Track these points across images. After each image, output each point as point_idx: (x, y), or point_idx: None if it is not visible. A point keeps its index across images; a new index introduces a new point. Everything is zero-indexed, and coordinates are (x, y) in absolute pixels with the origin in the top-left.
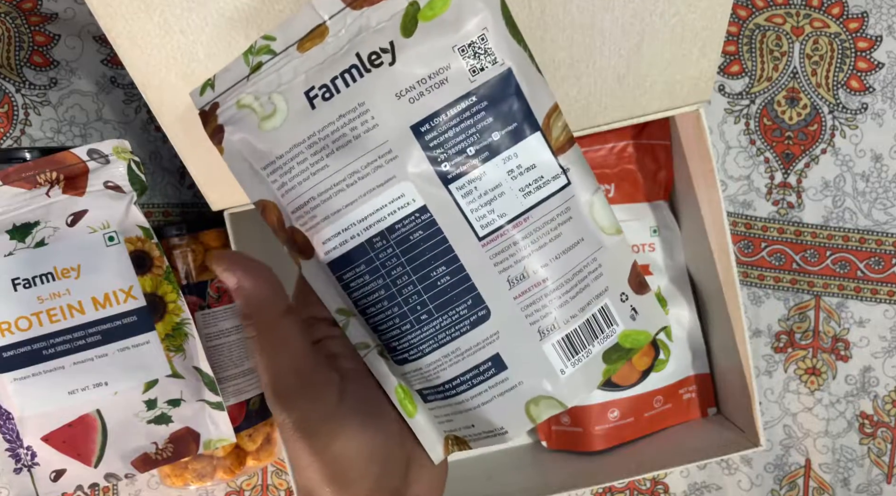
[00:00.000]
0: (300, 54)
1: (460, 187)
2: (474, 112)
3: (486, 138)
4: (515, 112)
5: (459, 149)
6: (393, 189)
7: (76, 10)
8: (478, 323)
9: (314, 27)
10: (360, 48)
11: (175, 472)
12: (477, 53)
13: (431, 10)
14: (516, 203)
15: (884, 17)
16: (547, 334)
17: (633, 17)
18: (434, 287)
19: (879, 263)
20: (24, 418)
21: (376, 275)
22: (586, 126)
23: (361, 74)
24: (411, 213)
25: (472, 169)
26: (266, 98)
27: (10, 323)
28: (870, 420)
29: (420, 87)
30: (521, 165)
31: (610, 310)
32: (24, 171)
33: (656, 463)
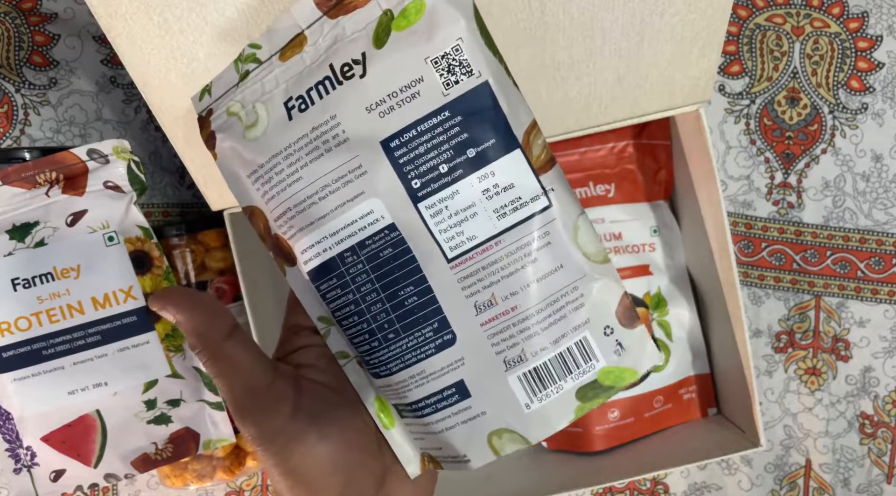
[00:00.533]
0: (282, 63)
1: (430, 206)
2: (448, 127)
3: (460, 155)
4: (493, 127)
5: (431, 165)
6: (362, 205)
7: (76, 9)
8: (443, 347)
9: (294, 36)
10: (333, 59)
11: (175, 473)
12: (451, 65)
13: (405, 20)
14: (489, 225)
15: (884, 16)
16: (512, 366)
17: (633, 16)
18: (401, 306)
19: (880, 263)
20: (23, 418)
21: (347, 290)
22: (586, 126)
23: (334, 86)
24: (380, 229)
25: (443, 187)
26: (251, 107)
27: (10, 323)
28: (870, 420)
29: (391, 100)
30: (497, 185)
31: (589, 344)
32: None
33: (656, 463)
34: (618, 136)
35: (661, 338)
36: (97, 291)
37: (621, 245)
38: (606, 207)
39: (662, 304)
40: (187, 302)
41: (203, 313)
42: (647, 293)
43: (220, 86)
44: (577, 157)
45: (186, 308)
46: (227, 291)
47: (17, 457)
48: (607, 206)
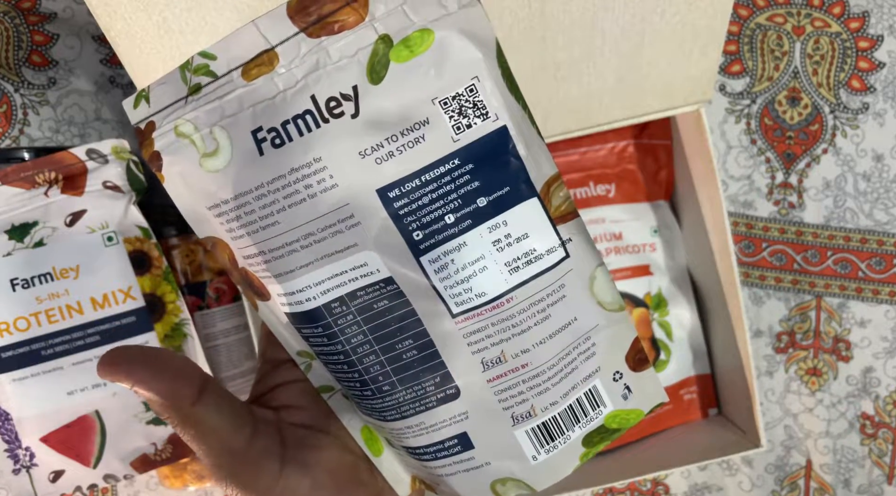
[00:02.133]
0: (245, 82)
1: (433, 260)
2: (456, 176)
3: (469, 205)
4: (509, 175)
5: (436, 216)
6: (354, 257)
7: (75, 9)
8: (446, 400)
9: (261, 52)
10: (316, 90)
11: (174, 473)
12: (464, 107)
13: (407, 50)
14: (499, 281)
15: (885, 16)
16: (521, 421)
17: (633, 16)
18: (399, 360)
19: (881, 264)
20: (22, 419)
21: (334, 341)
22: (587, 126)
23: (318, 123)
24: (376, 282)
25: (448, 239)
26: (207, 131)
27: (9, 323)
28: (871, 420)
29: (390, 145)
30: (510, 235)
31: (598, 392)
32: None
33: (657, 463)
34: (618, 135)
35: (662, 339)
36: (96, 291)
37: (622, 245)
38: (607, 207)
39: (663, 305)
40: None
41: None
42: (648, 293)
43: (163, 96)
44: (577, 157)
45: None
46: (227, 291)
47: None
48: (608, 206)
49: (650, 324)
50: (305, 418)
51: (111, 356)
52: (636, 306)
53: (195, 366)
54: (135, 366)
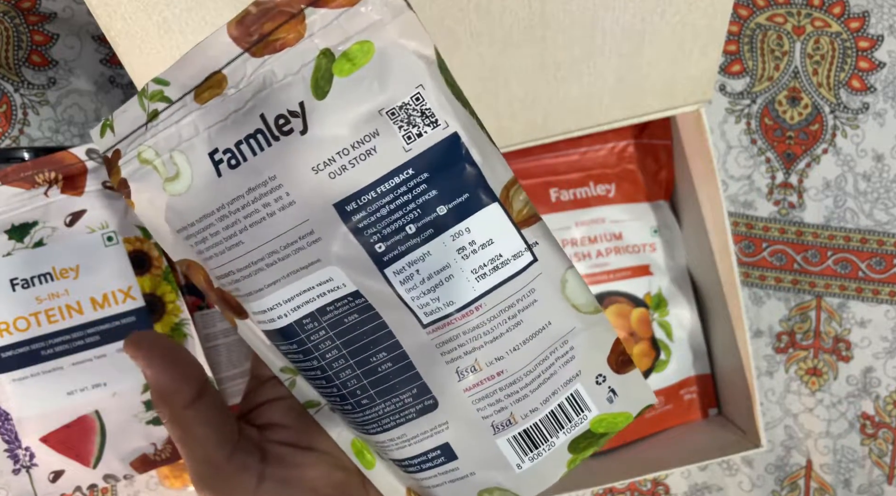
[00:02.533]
0: (199, 106)
1: (398, 271)
2: (413, 185)
3: (429, 214)
4: (466, 181)
5: (396, 227)
6: (319, 273)
7: (75, 9)
8: (425, 411)
9: (209, 75)
10: (265, 109)
11: (174, 473)
12: (412, 117)
13: (349, 63)
14: (467, 288)
15: (885, 16)
16: (501, 430)
17: (633, 16)
18: (374, 373)
19: (881, 264)
20: (22, 419)
21: (310, 357)
22: (587, 126)
23: (269, 142)
24: (343, 296)
25: (412, 250)
26: (168, 156)
27: (9, 323)
28: (871, 421)
29: (341, 159)
30: (474, 242)
31: (581, 396)
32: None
33: (657, 464)
34: (618, 135)
35: (662, 339)
36: (96, 291)
37: (622, 245)
38: (607, 207)
39: (663, 305)
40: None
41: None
42: (648, 293)
43: (125, 124)
44: (577, 157)
45: (158, 363)
46: None
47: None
48: (608, 206)
49: (650, 324)
50: (288, 436)
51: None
52: (636, 306)
53: (201, 370)
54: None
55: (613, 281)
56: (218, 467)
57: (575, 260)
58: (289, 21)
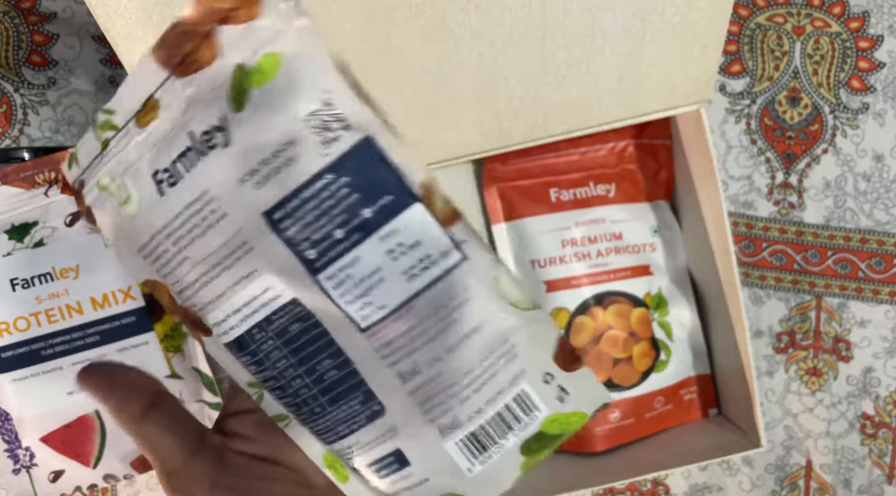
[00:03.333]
0: (140, 130)
1: (330, 276)
2: (335, 190)
3: (355, 217)
4: (386, 182)
5: (324, 233)
6: (256, 282)
7: (75, 9)
8: (373, 417)
9: (146, 100)
10: (192, 126)
11: None
12: (325, 122)
13: (261, 75)
14: (399, 289)
15: (885, 16)
16: (448, 433)
17: (633, 16)
18: (322, 381)
19: (881, 264)
20: (22, 419)
21: (263, 367)
22: (586, 126)
23: (198, 157)
24: (283, 305)
25: (341, 254)
26: (120, 181)
27: (9, 323)
28: (871, 421)
29: (264, 168)
30: (402, 243)
31: (528, 396)
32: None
33: (657, 464)
34: (618, 135)
35: (662, 339)
36: (96, 292)
37: (621, 245)
38: (607, 207)
39: (663, 305)
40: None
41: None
42: (648, 293)
43: (85, 155)
44: (577, 157)
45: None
46: None
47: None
48: (607, 206)
49: (650, 324)
50: (253, 449)
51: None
52: (636, 306)
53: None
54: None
55: (613, 281)
56: (175, 470)
57: (575, 260)
58: (203, 41)
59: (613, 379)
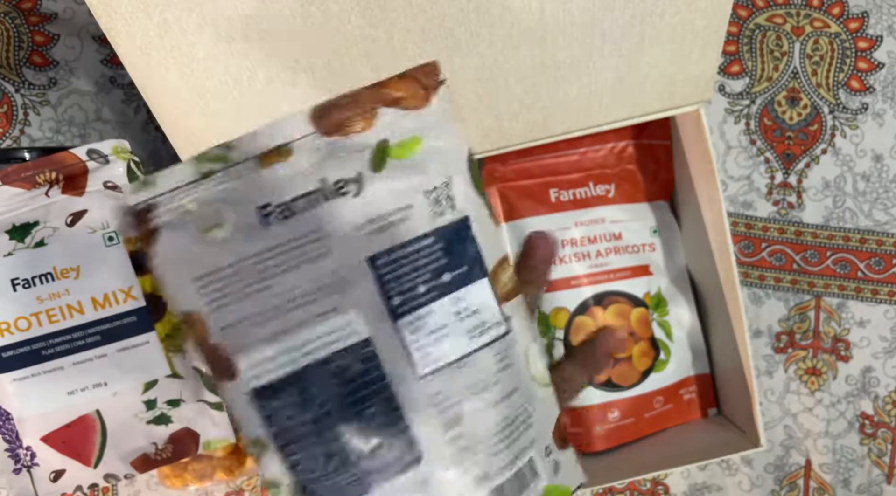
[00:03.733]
0: (259, 168)
1: (409, 323)
2: (430, 252)
3: (437, 278)
4: (467, 257)
5: (412, 285)
6: (338, 318)
7: (75, 9)
8: (410, 466)
9: (278, 145)
10: (326, 173)
11: (174, 473)
12: (439, 198)
13: (402, 150)
14: (460, 344)
15: (884, 17)
16: (479, 484)
17: (633, 17)
18: (368, 425)
19: (880, 264)
20: (23, 418)
21: (305, 409)
22: (586, 126)
23: (324, 200)
24: (354, 344)
25: (421, 306)
26: (214, 207)
27: (10, 323)
28: (870, 420)
29: (381, 221)
30: (467, 308)
31: (534, 464)
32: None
33: (657, 463)
34: (618, 136)
35: (661, 338)
36: (97, 291)
37: (621, 245)
38: (606, 207)
39: (662, 304)
40: None
41: None
42: (648, 293)
43: (170, 180)
44: (577, 157)
45: None
46: None
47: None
48: (607, 206)
49: (650, 324)
50: None
51: None
52: (636, 306)
53: None
54: None
55: (613, 281)
56: None
57: (575, 260)
58: (362, 114)
59: (613, 378)
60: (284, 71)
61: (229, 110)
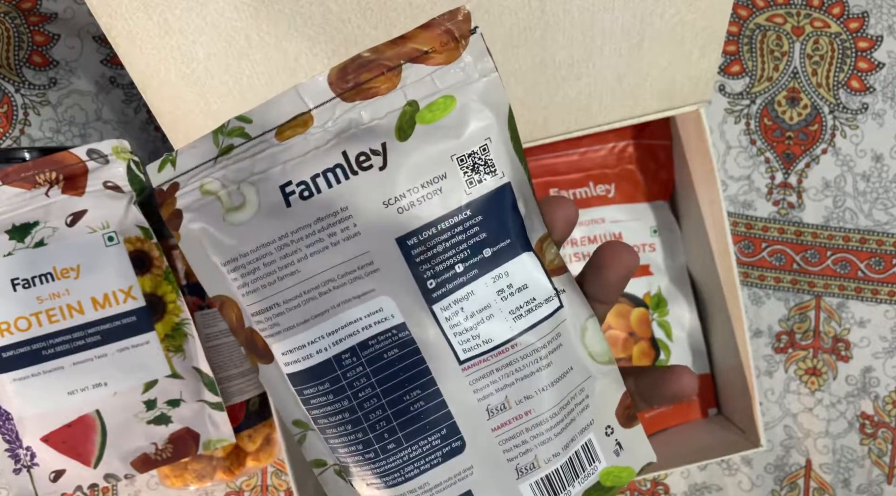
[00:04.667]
0: (278, 142)
1: (445, 307)
2: (467, 227)
3: (476, 255)
4: (510, 228)
5: (448, 265)
6: (370, 303)
7: (75, 9)
8: (451, 455)
9: (297, 115)
10: (347, 146)
11: (174, 473)
12: (476, 164)
13: (431, 113)
14: (505, 327)
15: (884, 16)
16: (525, 473)
17: (633, 16)
18: (406, 413)
19: (880, 264)
20: (23, 418)
21: (341, 396)
22: (586, 126)
23: (347, 176)
24: (388, 329)
25: (459, 287)
26: (235, 187)
27: (10, 323)
28: (870, 420)
29: (411, 196)
30: (511, 285)
31: (593, 446)
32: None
33: (656, 463)
34: (618, 136)
35: (662, 339)
36: (97, 291)
37: None
38: (606, 207)
39: (662, 305)
40: None
41: None
42: (648, 293)
43: (192, 158)
44: (577, 157)
45: None
46: None
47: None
48: (607, 206)
49: (650, 324)
50: None
51: None
52: (636, 306)
53: None
54: None
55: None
56: None
57: (575, 260)
58: (385, 73)
59: None
60: (284, 71)
61: (229, 110)
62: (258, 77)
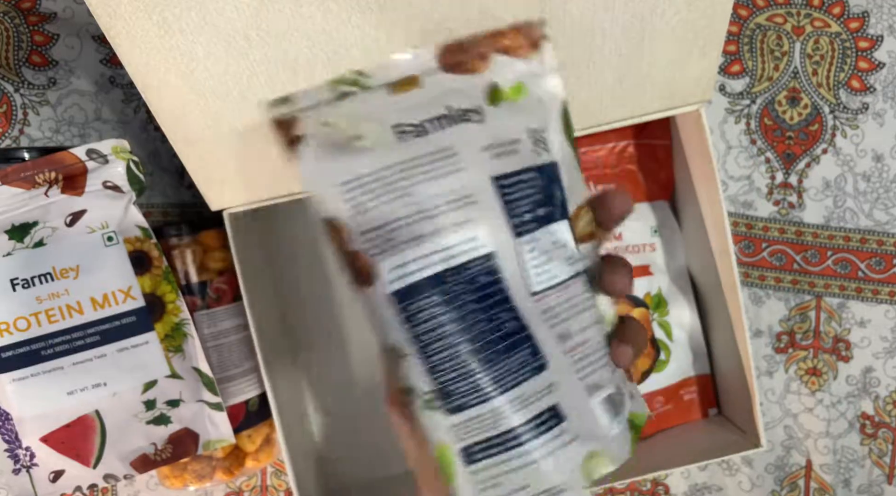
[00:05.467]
0: (392, 93)
1: (527, 242)
2: (535, 184)
3: (540, 208)
4: (555, 197)
5: (526, 209)
6: (468, 230)
7: (75, 9)
8: (538, 371)
9: (409, 76)
10: (451, 102)
11: (174, 473)
12: (538, 140)
13: (513, 93)
14: (564, 269)
15: (884, 16)
16: (594, 392)
17: (633, 16)
18: (498, 330)
19: (880, 264)
20: (22, 419)
21: (448, 309)
22: (587, 126)
23: (452, 123)
24: (479, 256)
25: (533, 230)
26: (354, 121)
27: (9, 323)
28: (871, 420)
29: (501, 148)
30: (558, 241)
31: (623, 388)
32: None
33: (657, 464)
34: (618, 135)
35: (662, 339)
36: (96, 291)
37: (622, 245)
38: None
39: (663, 305)
40: None
41: None
42: (648, 293)
43: (308, 99)
44: None
45: None
46: (227, 291)
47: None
48: None
49: (650, 325)
50: None
51: None
52: (636, 306)
53: None
54: None
55: None
56: None
57: None
58: (479, 57)
59: None
60: (284, 71)
61: (229, 110)
62: (258, 77)
